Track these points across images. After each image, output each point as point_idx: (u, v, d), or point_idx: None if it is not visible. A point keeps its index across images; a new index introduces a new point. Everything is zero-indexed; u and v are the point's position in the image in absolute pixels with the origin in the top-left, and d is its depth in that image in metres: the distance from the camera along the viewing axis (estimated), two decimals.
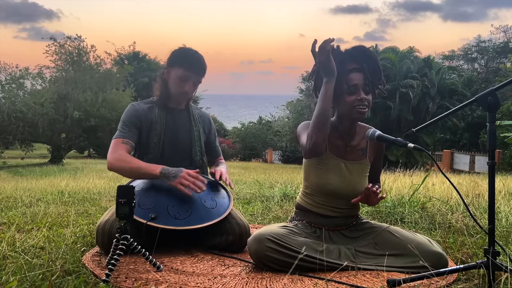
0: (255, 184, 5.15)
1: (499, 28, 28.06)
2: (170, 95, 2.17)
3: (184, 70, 2.10)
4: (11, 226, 2.51)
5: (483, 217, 2.71)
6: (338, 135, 1.88)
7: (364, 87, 1.80)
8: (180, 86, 2.13)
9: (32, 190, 4.62)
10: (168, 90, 2.16)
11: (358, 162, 1.89)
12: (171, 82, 2.14)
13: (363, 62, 1.82)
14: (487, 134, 1.47)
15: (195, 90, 2.20)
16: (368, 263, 1.72)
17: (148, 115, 2.14)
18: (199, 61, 2.13)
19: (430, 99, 18.74)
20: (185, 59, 2.11)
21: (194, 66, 2.12)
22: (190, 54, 2.14)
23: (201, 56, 2.15)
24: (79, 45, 17.04)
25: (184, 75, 2.11)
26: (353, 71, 1.80)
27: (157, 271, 1.66)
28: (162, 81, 2.17)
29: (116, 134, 2.10)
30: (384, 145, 1.96)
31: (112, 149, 2.04)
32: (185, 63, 2.10)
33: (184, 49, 2.16)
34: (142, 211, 1.87)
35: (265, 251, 1.65)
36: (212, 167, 2.39)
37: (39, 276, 1.54)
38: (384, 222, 2.73)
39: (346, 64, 1.80)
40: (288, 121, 28.70)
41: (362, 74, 1.80)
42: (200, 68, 2.14)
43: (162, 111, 2.17)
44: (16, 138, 15.76)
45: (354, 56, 1.82)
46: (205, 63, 2.16)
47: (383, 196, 1.80)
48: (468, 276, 1.63)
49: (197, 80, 2.15)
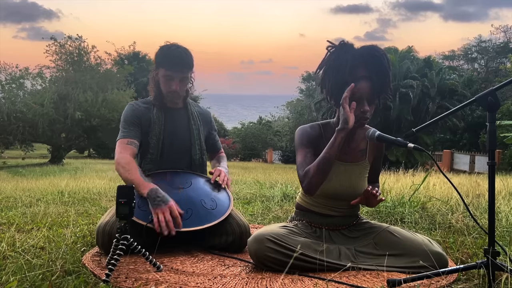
0: (255, 184, 5.15)
1: (499, 28, 28.06)
2: (163, 95, 2.16)
3: (166, 70, 2.09)
4: (11, 226, 2.51)
5: (483, 217, 2.71)
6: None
7: (369, 98, 1.76)
8: (167, 86, 2.12)
9: (32, 190, 4.62)
10: (161, 90, 2.16)
11: (357, 164, 1.88)
12: (160, 82, 2.14)
13: (374, 69, 1.74)
14: (487, 134, 1.46)
15: (184, 86, 2.16)
16: (368, 263, 1.72)
17: (146, 115, 2.15)
18: (180, 58, 2.09)
19: (430, 99, 18.74)
20: (166, 59, 2.09)
21: (174, 64, 2.08)
22: (170, 52, 2.09)
23: (183, 52, 2.10)
24: (80, 45, 17.04)
25: (167, 75, 2.09)
26: (362, 80, 1.73)
27: (157, 271, 1.66)
28: (155, 83, 2.16)
29: (120, 135, 2.10)
30: (384, 146, 1.95)
31: (118, 151, 2.05)
32: (166, 62, 2.08)
33: (165, 48, 2.12)
34: (142, 212, 1.87)
35: (265, 251, 1.65)
36: (212, 162, 2.38)
37: (39, 276, 1.54)
38: (384, 222, 2.73)
39: (357, 68, 1.74)
40: (288, 121, 28.73)
41: (370, 84, 1.73)
42: (182, 65, 2.09)
43: (160, 111, 2.17)
44: (16, 138, 15.75)
45: (367, 61, 1.74)
46: (189, 57, 2.11)
47: (382, 198, 1.79)
48: (468, 276, 1.63)
49: (183, 77, 2.11)
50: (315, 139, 1.86)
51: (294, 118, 26.84)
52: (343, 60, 1.75)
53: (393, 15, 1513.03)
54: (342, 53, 1.77)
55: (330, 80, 1.80)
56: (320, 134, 1.87)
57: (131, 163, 2.00)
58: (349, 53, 1.75)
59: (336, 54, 1.78)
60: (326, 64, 1.81)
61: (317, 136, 1.87)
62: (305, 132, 1.87)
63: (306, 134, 1.86)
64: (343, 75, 1.75)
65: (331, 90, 1.81)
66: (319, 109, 20.78)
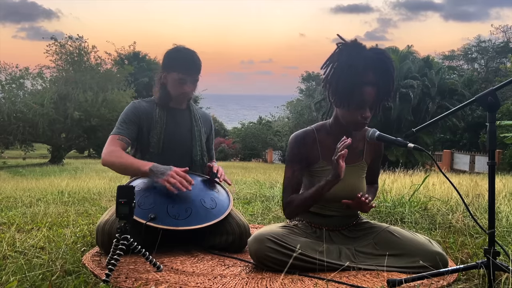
0: (255, 184, 5.15)
1: (499, 28, 28.04)
2: (170, 97, 2.18)
3: (180, 74, 2.11)
4: (11, 226, 2.51)
5: (483, 217, 2.71)
6: (333, 139, 1.80)
7: (372, 104, 1.75)
8: (179, 88, 2.14)
9: (32, 190, 4.62)
10: (168, 92, 2.17)
11: (354, 165, 1.87)
12: (170, 85, 2.16)
13: (381, 75, 1.72)
14: (487, 134, 1.46)
15: (195, 88, 2.21)
16: (368, 263, 1.72)
17: (149, 113, 2.16)
18: (193, 61, 2.13)
19: (430, 99, 18.74)
20: (179, 62, 2.12)
21: (189, 68, 2.12)
22: (183, 55, 2.13)
23: (194, 55, 2.15)
24: (80, 45, 17.04)
25: (181, 79, 2.12)
26: (367, 85, 1.71)
27: (157, 271, 1.66)
28: (161, 85, 2.18)
29: (113, 131, 2.13)
30: (382, 146, 1.94)
31: (107, 144, 2.09)
32: (180, 67, 2.11)
33: (176, 51, 2.15)
34: (142, 211, 1.87)
35: (265, 251, 1.65)
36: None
37: (39, 276, 1.54)
38: (384, 222, 2.73)
39: (366, 72, 1.70)
40: (288, 121, 28.71)
41: (375, 90, 1.72)
42: (195, 69, 2.14)
43: (163, 111, 2.18)
44: (16, 138, 15.77)
45: (376, 66, 1.71)
46: (199, 60, 2.16)
47: (373, 205, 1.77)
48: (468, 276, 1.63)
49: (194, 79, 2.16)
50: (307, 146, 1.84)
51: (294, 118, 26.83)
52: (354, 61, 1.71)
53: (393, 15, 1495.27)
54: (354, 53, 1.73)
55: (337, 78, 1.75)
56: (314, 139, 1.85)
57: (120, 151, 2.04)
58: (361, 54, 1.71)
59: (347, 53, 1.74)
60: (337, 61, 1.76)
61: (310, 142, 1.84)
62: (296, 143, 1.84)
63: (296, 146, 1.84)
64: (352, 77, 1.71)
65: (337, 88, 1.76)
66: (319, 109, 20.77)
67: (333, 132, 1.85)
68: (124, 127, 2.12)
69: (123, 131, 2.11)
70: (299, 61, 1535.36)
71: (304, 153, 1.84)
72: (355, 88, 1.71)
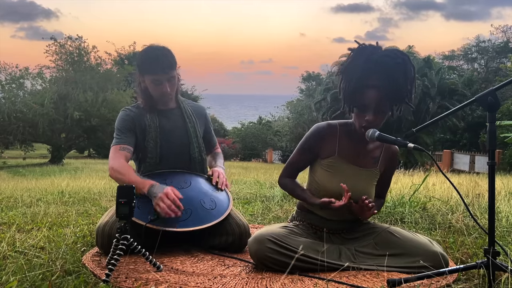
0: (255, 184, 5.15)
1: (499, 28, 28.03)
2: (154, 100, 2.15)
3: (153, 75, 2.06)
4: (11, 226, 2.51)
5: (483, 217, 2.71)
6: (350, 139, 1.83)
7: (376, 107, 1.72)
8: (157, 89, 2.09)
9: (32, 190, 4.62)
10: (150, 95, 2.13)
11: (367, 170, 1.85)
12: (149, 87, 2.11)
13: (386, 77, 1.68)
14: (487, 134, 1.46)
15: (174, 86, 2.14)
16: (368, 263, 1.72)
17: (141, 119, 2.13)
18: (162, 60, 2.04)
19: (430, 99, 18.73)
20: (148, 64, 2.06)
21: (159, 68, 2.04)
22: (152, 55, 2.06)
23: (163, 52, 2.06)
24: (80, 45, 17.04)
25: (154, 79, 2.07)
26: (369, 88, 1.70)
27: (157, 271, 1.66)
28: (142, 90, 2.14)
29: (113, 142, 2.09)
30: (397, 157, 1.93)
31: (110, 157, 2.05)
32: (150, 68, 2.05)
33: (145, 52, 2.09)
34: (141, 212, 1.87)
35: (265, 252, 1.65)
36: (208, 159, 2.36)
37: (39, 276, 1.54)
38: (384, 222, 2.73)
39: (368, 75, 1.70)
40: (288, 121, 28.70)
41: (378, 93, 1.69)
42: (165, 67, 2.05)
43: (154, 115, 2.15)
44: (16, 138, 15.77)
45: (379, 69, 1.69)
46: (170, 56, 2.07)
47: (374, 212, 1.74)
48: (468, 276, 1.63)
49: (169, 77, 2.08)
50: (325, 140, 1.83)
51: (294, 118, 26.82)
52: (354, 65, 1.72)
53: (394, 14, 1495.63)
54: (357, 57, 1.73)
55: (343, 83, 1.77)
56: (335, 134, 1.84)
57: (125, 166, 1.99)
58: (363, 58, 1.71)
59: (352, 57, 1.75)
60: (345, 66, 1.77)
61: (331, 136, 1.83)
62: (316, 134, 1.84)
63: (314, 137, 1.84)
64: (354, 80, 1.72)
65: (344, 93, 1.78)
66: (319, 109, 20.76)
67: (351, 132, 1.84)
68: (123, 135, 2.08)
69: (123, 140, 2.08)
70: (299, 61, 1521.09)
71: (319, 146, 1.84)
72: (357, 92, 1.71)
